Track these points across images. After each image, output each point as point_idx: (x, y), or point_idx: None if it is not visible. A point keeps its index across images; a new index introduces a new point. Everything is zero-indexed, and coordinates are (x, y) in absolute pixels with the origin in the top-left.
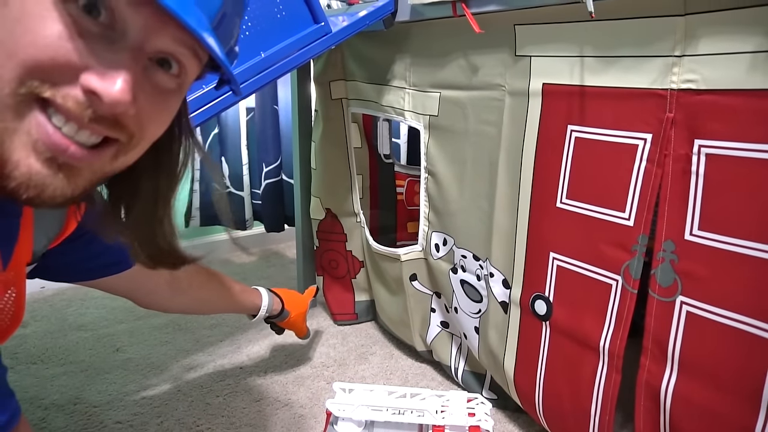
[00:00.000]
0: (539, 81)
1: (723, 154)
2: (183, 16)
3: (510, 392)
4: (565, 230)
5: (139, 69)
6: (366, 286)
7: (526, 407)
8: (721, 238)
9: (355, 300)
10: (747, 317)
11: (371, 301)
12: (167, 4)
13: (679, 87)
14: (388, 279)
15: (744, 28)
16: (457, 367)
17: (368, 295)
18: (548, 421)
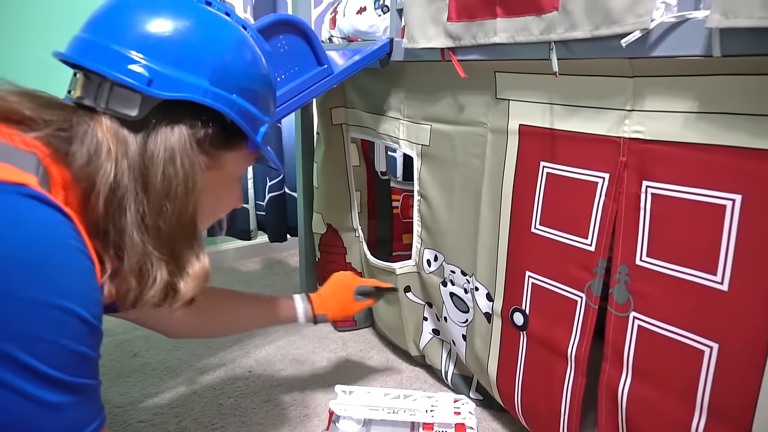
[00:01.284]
0: (516, 122)
1: (664, 194)
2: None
3: (493, 393)
4: (539, 252)
5: None
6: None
7: (507, 407)
8: (664, 264)
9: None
10: (684, 330)
11: (369, 309)
12: (278, 166)
13: (630, 136)
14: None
15: (679, 92)
16: (447, 370)
17: None
18: (527, 419)
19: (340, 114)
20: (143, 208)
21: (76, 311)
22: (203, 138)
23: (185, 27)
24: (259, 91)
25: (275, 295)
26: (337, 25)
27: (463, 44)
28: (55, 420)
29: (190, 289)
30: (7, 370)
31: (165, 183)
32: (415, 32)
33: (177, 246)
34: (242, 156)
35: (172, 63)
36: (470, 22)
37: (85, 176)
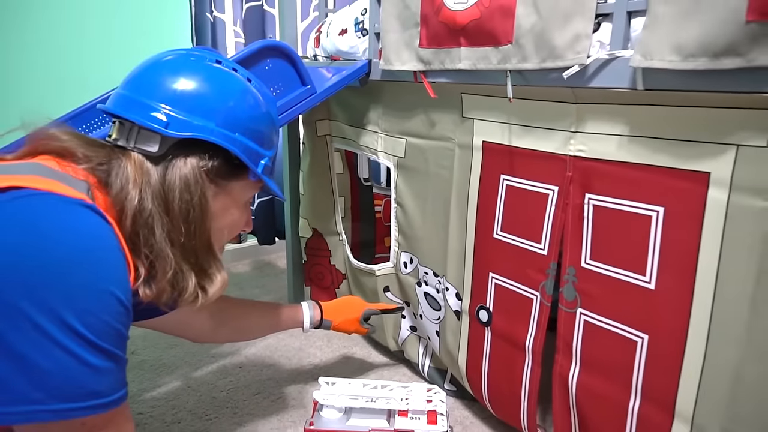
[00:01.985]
0: (480, 138)
1: (603, 205)
2: (279, 195)
3: (464, 384)
4: (500, 256)
5: None
6: (347, 295)
7: (476, 396)
8: (604, 266)
9: None
10: (621, 324)
11: None
12: (280, 196)
13: (575, 154)
14: (366, 290)
15: (614, 118)
16: (423, 364)
17: None
18: (493, 406)
19: (325, 126)
20: (168, 228)
21: (118, 295)
22: (211, 169)
23: (197, 82)
24: (258, 130)
25: (284, 304)
26: (321, 43)
27: (433, 68)
28: (95, 380)
29: (215, 292)
30: (66, 336)
31: (183, 206)
32: (390, 55)
33: (201, 259)
34: (246, 185)
35: (186, 110)
36: (439, 49)
37: (119, 201)
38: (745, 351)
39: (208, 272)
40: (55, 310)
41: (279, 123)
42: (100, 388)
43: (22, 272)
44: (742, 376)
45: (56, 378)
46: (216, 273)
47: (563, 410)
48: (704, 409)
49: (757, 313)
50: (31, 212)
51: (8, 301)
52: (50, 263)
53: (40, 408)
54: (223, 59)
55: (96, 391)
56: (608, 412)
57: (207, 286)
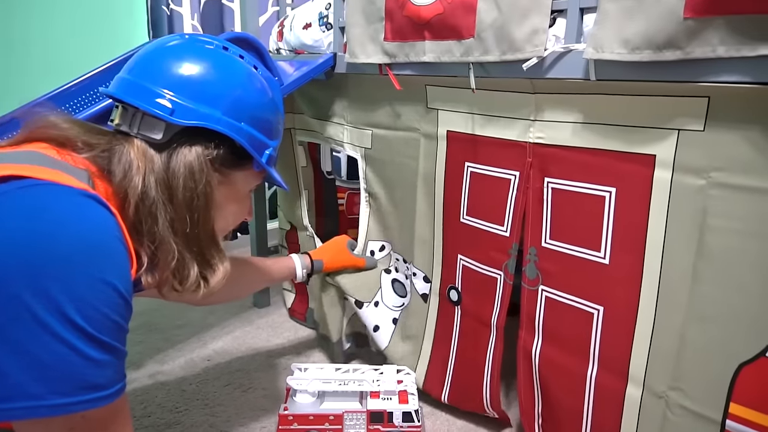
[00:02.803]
0: (444, 128)
1: (561, 188)
2: (283, 185)
3: (420, 372)
4: (467, 239)
5: None
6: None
7: (432, 386)
8: (563, 245)
9: (308, 306)
10: (578, 297)
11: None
12: (284, 187)
13: (534, 141)
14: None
15: (569, 107)
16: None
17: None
18: (455, 391)
19: (289, 119)
20: (171, 217)
21: (118, 287)
22: (216, 158)
23: (204, 68)
24: (265, 119)
25: (275, 258)
26: (284, 37)
27: (398, 61)
28: (95, 373)
29: (217, 281)
30: (65, 329)
31: (187, 195)
32: (356, 49)
33: (204, 249)
34: (250, 175)
35: (191, 97)
36: (403, 42)
37: (122, 189)
38: (688, 315)
39: (210, 262)
40: (56, 302)
41: (284, 112)
42: (100, 381)
43: (26, 262)
44: (686, 337)
45: (56, 371)
46: (218, 263)
47: (527, 383)
48: (654, 371)
49: (698, 280)
50: (36, 202)
51: (10, 292)
52: (53, 254)
53: (40, 403)
54: (230, 45)
55: (96, 384)
56: (568, 382)
57: (209, 276)
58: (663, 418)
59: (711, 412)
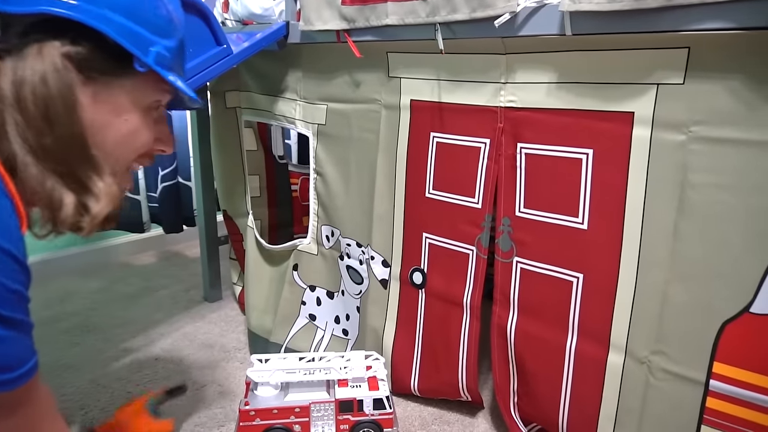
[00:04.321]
0: (408, 97)
1: (535, 153)
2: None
3: (386, 363)
4: (433, 215)
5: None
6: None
7: (399, 381)
8: (538, 213)
9: None
10: (556, 266)
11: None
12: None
13: (505, 105)
14: (274, 271)
15: (542, 66)
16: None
17: None
18: (424, 381)
19: (234, 97)
20: (23, 130)
21: (9, 249)
22: (77, 57)
23: None
24: (140, 8)
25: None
26: (230, 8)
27: (358, 26)
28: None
29: (102, 208)
30: None
31: (39, 103)
32: (311, 15)
33: (72, 167)
34: (140, 83)
35: None
36: (363, 5)
37: None
38: (670, 273)
39: (87, 185)
40: None
41: (179, 16)
42: (7, 361)
43: None
44: (668, 299)
45: None
46: (99, 187)
47: (502, 362)
48: (636, 336)
49: (679, 238)
50: None
51: None
52: None
53: None
54: None
55: (2, 365)
56: (546, 355)
57: (89, 203)
58: (646, 384)
59: (694, 373)
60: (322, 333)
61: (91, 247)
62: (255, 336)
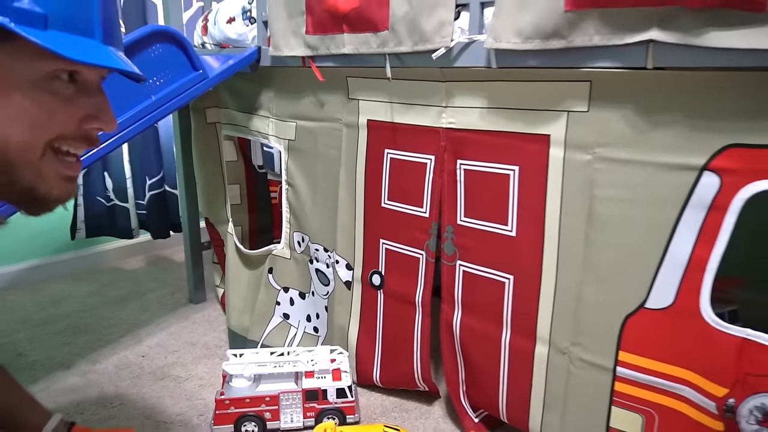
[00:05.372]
0: (365, 117)
1: (471, 168)
2: (132, 70)
3: (351, 359)
4: (389, 223)
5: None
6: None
7: (363, 374)
8: (475, 221)
9: None
10: (491, 269)
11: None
12: (126, 69)
13: (446, 126)
14: (251, 274)
15: (476, 93)
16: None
17: None
18: (385, 373)
19: (214, 113)
20: None
21: None
22: None
23: None
24: None
25: (43, 409)
26: (209, 31)
27: (320, 53)
28: None
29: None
30: None
31: None
32: (279, 42)
33: None
34: (16, 52)
35: None
36: (324, 35)
37: None
38: (582, 275)
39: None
40: None
41: None
42: None
43: None
44: (581, 296)
45: None
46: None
47: (450, 354)
48: (557, 330)
49: (589, 245)
50: None
51: None
52: None
53: None
54: None
55: None
56: (486, 348)
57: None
58: (567, 372)
59: (605, 362)
60: (295, 330)
61: (82, 253)
62: (234, 334)
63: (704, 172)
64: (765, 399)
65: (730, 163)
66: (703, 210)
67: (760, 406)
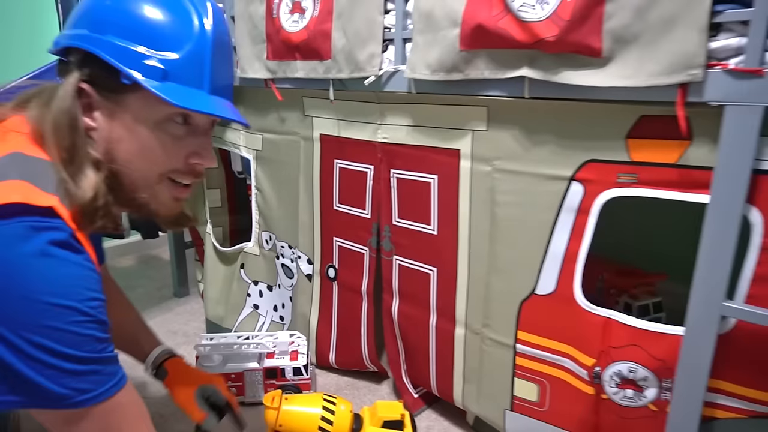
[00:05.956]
0: (318, 132)
1: (402, 177)
2: (241, 121)
3: (311, 344)
4: (339, 223)
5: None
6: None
7: (322, 356)
8: (407, 222)
9: None
10: (420, 263)
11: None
12: (236, 120)
13: (381, 141)
14: (227, 270)
15: (403, 113)
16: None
17: None
18: (339, 355)
19: None
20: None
21: (83, 309)
22: (91, 79)
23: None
24: (138, 27)
25: (155, 338)
26: None
27: (278, 76)
28: (78, 380)
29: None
30: (39, 352)
31: (55, 121)
32: (245, 65)
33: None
34: (144, 99)
35: (70, 26)
36: (281, 61)
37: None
38: (488, 267)
39: (79, 178)
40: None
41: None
42: (86, 386)
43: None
44: (489, 284)
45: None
46: (83, 179)
47: (391, 337)
48: (471, 314)
49: (492, 242)
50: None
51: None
52: (19, 297)
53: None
54: None
55: (82, 389)
56: (418, 330)
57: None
58: (480, 349)
59: (507, 340)
60: (263, 319)
61: None
62: (211, 323)
63: (572, 182)
64: (621, 366)
65: (590, 175)
66: (573, 213)
67: (618, 372)
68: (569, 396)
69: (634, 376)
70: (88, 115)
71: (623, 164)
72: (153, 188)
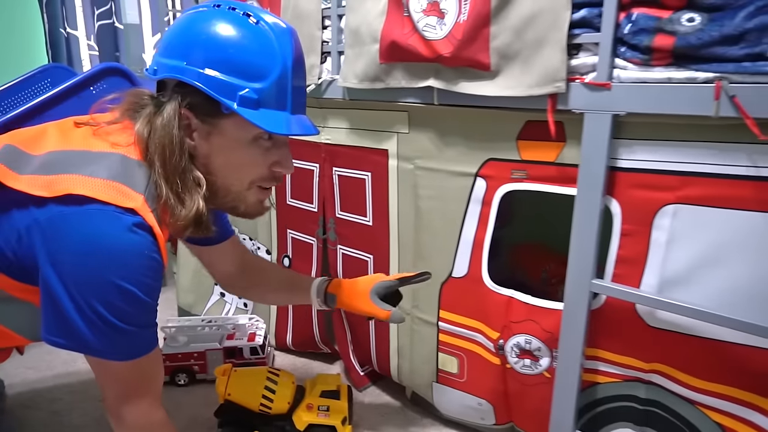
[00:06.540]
0: None
1: (342, 174)
2: (316, 132)
3: (270, 329)
4: (292, 216)
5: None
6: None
7: (280, 339)
8: (347, 214)
9: None
10: (359, 251)
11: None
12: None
13: (325, 141)
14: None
15: (341, 117)
16: None
17: None
18: (295, 338)
19: None
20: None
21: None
22: (193, 107)
23: (179, 26)
24: (232, 60)
25: (303, 276)
26: None
27: None
28: (114, 342)
29: (187, 212)
30: (94, 315)
31: (162, 142)
32: None
33: (180, 185)
34: (239, 122)
35: (165, 54)
36: None
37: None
38: (415, 254)
39: (183, 198)
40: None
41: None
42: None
43: (81, 277)
44: (416, 269)
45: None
46: (189, 200)
47: (338, 320)
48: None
49: (416, 231)
50: (89, 231)
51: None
52: (95, 270)
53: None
54: (227, 2)
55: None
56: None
57: (178, 207)
58: (411, 329)
59: (432, 318)
60: (229, 306)
61: None
62: (182, 310)
63: (477, 178)
64: (520, 338)
65: (490, 172)
66: (479, 204)
67: (517, 344)
68: (482, 367)
69: (530, 347)
70: (188, 135)
71: (515, 162)
72: (243, 194)
